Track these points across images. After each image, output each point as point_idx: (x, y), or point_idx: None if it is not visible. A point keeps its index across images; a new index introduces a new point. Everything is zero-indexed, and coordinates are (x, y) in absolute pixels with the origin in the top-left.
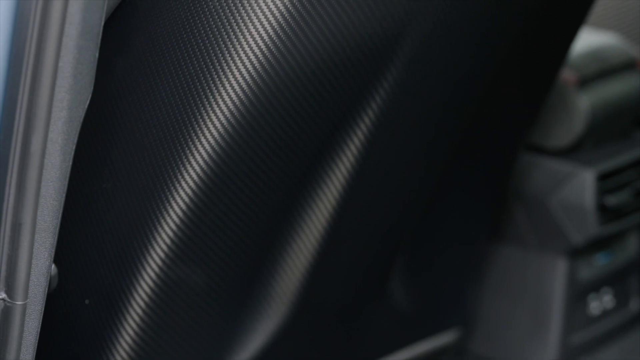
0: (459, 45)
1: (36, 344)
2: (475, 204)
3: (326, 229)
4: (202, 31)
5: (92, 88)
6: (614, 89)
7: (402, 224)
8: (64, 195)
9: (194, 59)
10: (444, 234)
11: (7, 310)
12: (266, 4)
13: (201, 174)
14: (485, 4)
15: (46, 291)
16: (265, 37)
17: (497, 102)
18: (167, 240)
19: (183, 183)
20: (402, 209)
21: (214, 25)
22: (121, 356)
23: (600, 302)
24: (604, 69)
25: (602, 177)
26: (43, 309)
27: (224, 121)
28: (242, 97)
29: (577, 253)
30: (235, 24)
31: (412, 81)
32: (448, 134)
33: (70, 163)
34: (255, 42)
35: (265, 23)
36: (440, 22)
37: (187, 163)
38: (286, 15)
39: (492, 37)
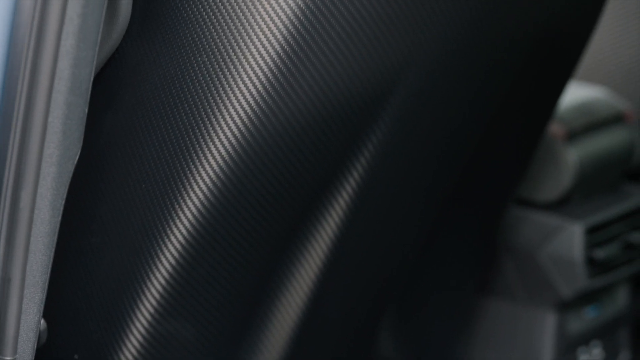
0: (450, 101)
1: None
2: (465, 254)
3: (315, 284)
4: (192, 87)
5: (81, 143)
6: (602, 142)
7: (393, 277)
8: (53, 250)
9: (183, 114)
10: (433, 283)
11: None
12: (255, 60)
13: (190, 229)
14: (475, 58)
15: (35, 346)
16: (255, 93)
17: (487, 156)
18: (156, 295)
19: (172, 238)
20: (393, 263)
21: (203, 81)
22: None
23: (589, 355)
24: (592, 122)
25: (591, 230)
26: None
27: (213, 177)
28: (231, 152)
29: (566, 306)
30: (224, 80)
31: (402, 135)
32: (438, 188)
33: (60, 218)
34: (245, 98)
35: (255, 79)
36: (430, 78)
37: (176, 218)
38: (275, 71)
39: (483, 92)
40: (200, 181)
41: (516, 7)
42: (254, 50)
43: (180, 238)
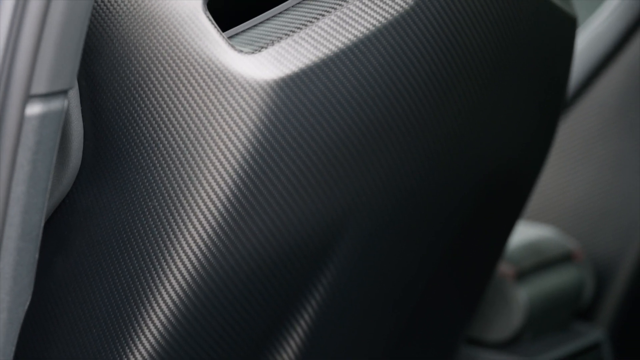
0: (398, 244)
1: None
2: None
3: None
4: (142, 232)
5: (32, 289)
6: (552, 281)
7: None
8: None
9: (134, 259)
10: None
11: None
12: (205, 205)
13: None
14: (422, 204)
15: None
16: (205, 237)
17: (436, 296)
18: None
19: None
20: None
21: (153, 226)
22: None
23: None
24: (541, 261)
25: None
26: None
27: (163, 321)
28: (182, 296)
29: None
30: (175, 224)
31: (351, 278)
32: (388, 327)
33: None
34: (195, 243)
35: (205, 224)
36: (378, 222)
37: None
38: (225, 216)
39: (431, 234)
40: (151, 325)
41: (463, 152)
42: (204, 195)
43: None
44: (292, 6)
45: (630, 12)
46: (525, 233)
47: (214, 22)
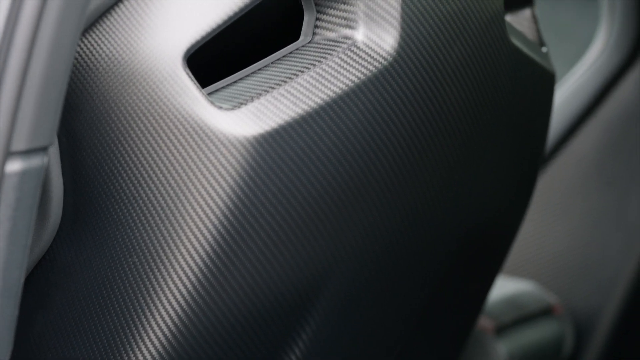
0: (378, 299)
1: None
2: None
3: None
4: (122, 288)
5: (11, 346)
6: (532, 335)
7: None
8: None
9: (114, 315)
10: None
11: None
12: (185, 261)
13: None
14: (402, 258)
15: None
16: (185, 293)
17: (416, 349)
18: None
19: None
20: None
21: (133, 282)
22: None
23: None
24: (521, 315)
25: None
26: None
27: None
28: (162, 352)
29: None
30: (155, 280)
31: (331, 332)
32: None
33: None
34: (175, 299)
35: (185, 280)
36: (358, 279)
37: None
38: (205, 272)
39: (411, 289)
40: None
41: (443, 208)
42: (183, 251)
43: None
44: (272, 63)
45: (607, 67)
46: (504, 287)
47: (193, 78)
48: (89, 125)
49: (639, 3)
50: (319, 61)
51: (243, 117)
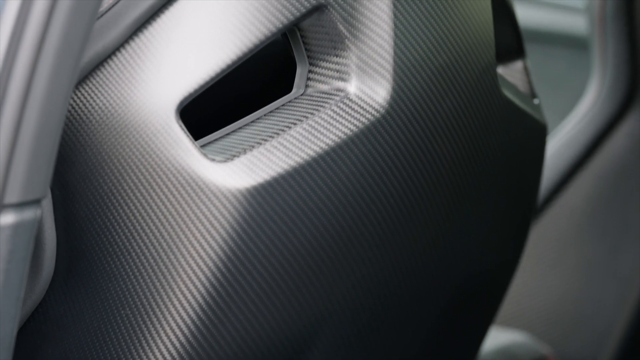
0: (371, 348)
1: None
2: None
3: None
4: (115, 340)
5: None
6: None
7: None
8: None
9: None
10: None
11: None
12: (178, 313)
13: None
14: (396, 307)
15: None
16: (178, 345)
17: None
18: None
19: None
20: None
21: (126, 334)
22: None
23: None
24: None
25: None
26: None
27: None
28: None
29: None
30: (147, 332)
31: None
32: None
33: None
34: (168, 351)
35: (178, 331)
36: (352, 327)
37: None
38: (198, 324)
39: (403, 338)
40: None
41: (436, 260)
42: (176, 303)
43: None
44: (265, 115)
45: (599, 119)
46: (497, 338)
47: (186, 131)
48: (82, 177)
49: (631, 55)
50: (312, 113)
51: (236, 170)
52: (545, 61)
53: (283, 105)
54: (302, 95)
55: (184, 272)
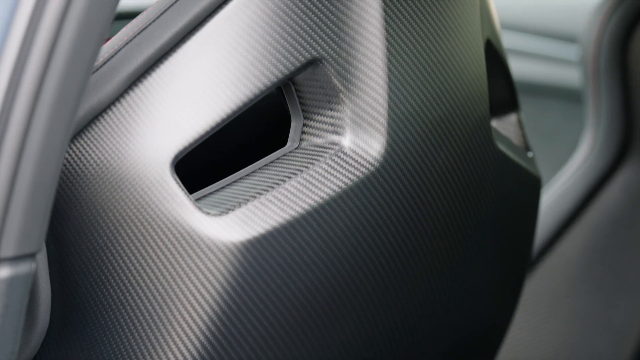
0: None
1: None
2: None
3: None
4: None
5: None
6: None
7: None
8: None
9: None
10: None
11: None
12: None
13: None
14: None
15: None
16: None
17: None
18: None
19: None
20: None
21: None
22: None
23: None
24: None
25: None
26: None
27: None
28: None
29: None
30: None
31: None
32: None
33: None
34: None
35: None
36: None
37: None
38: None
39: None
40: None
41: (430, 314)
42: (171, 356)
43: None
44: (259, 168)
45: (593, 171)
46: None
47: (181, 184)
48: (77, 231)
49: (624, 107)
50: (306, 167)
51: (231, 223)
52: (540, 113)
53: (278, 159)
54: (296, 148)
55: (178, 326)
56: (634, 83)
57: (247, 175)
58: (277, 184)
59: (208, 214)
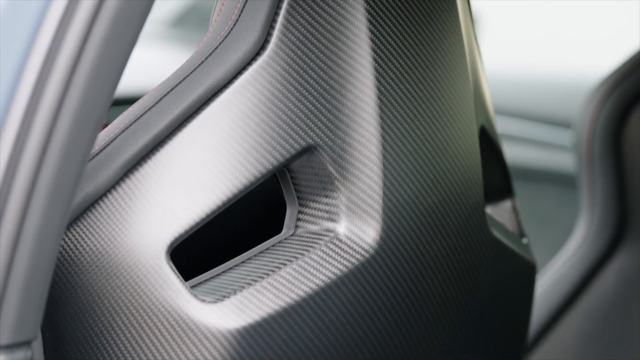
0: None
1: None
2: None
3: None
4: None
5: None
6: None
7: None
8: None
9: None
10: None
11: None
12: None
13: None
14: None
15: None
16: None
17: None
18: None
19: None
20: None
21: None
22: None
23: None
24: None
25: None
26: None
27: None
28: None
29: None
30: None
31: None
32: None
33: None
34: None
35: None
36: None
37: None
38: None
39: None
40: None
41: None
42: None
43: None
44: (255, 255)
45: (588, 257)
46: None
47: (176, 272)
48: (72, 318)
49: (619, 193)
50: (302, 254)
51: (226, 310)
52: (535, 198)
53: (273, 245)
54: (292, 235)
55: None
56: (628, 168)
57: (243, 262)
58: (273, 271)
59: (204, 301)
